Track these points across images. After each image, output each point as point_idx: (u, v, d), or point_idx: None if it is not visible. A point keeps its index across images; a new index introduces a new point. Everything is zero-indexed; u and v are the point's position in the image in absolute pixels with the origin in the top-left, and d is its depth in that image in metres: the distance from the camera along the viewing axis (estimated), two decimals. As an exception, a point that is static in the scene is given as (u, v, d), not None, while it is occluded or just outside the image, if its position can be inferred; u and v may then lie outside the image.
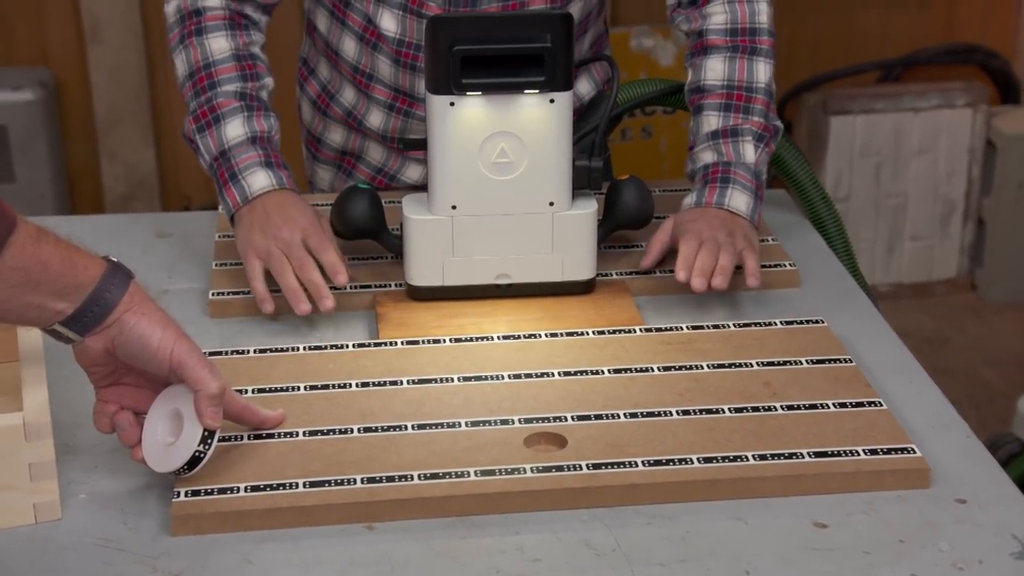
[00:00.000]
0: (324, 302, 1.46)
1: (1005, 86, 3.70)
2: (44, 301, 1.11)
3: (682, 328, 1.43)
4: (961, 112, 3.55)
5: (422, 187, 1.80)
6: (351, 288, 1.54)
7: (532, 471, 1.19)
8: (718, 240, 1.50)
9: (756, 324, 1.44)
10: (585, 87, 1.78)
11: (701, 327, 1.44)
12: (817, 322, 1.45)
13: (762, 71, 1.60)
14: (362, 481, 1.18)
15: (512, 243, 1.49)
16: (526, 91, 1.43)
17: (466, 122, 1.44)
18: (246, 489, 1.17)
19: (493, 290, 1.51)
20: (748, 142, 1.57)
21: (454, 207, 1.47)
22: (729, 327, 1.44)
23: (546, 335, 1.42)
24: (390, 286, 1.54)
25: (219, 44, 1.60)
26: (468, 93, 1.42)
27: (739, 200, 1.55)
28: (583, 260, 1.51)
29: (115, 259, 1.16)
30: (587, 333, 1.43)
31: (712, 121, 1.59)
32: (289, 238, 1.48)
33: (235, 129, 1.56)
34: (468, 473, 1.19)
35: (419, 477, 1.18)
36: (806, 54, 3.63)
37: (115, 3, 3.25)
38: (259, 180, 1.54)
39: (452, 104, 1.43)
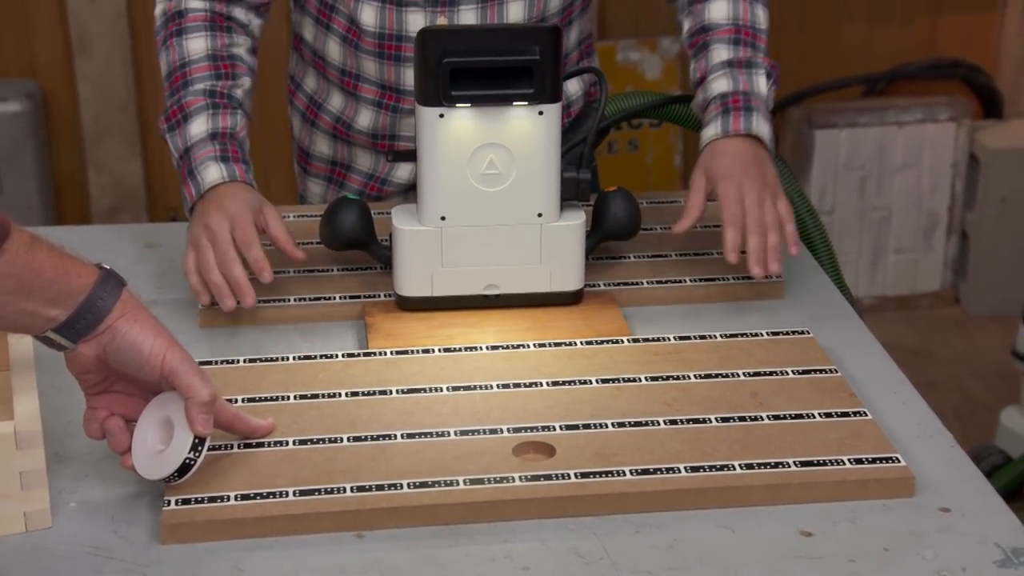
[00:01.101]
0: (245, 299, 1.46)
1: (988, 101, 3.72)
2: (37, 308, 1.11)
3: (669, 339, 1.44)
4: (944, 126, 3.57)
5: (413, 187, 1.81)
6: (340, 299, 1.54)
7: (521, 480, 1.20)
8: (758, 199, 1.49)
9: (742, 335, 1.45)
10: (574, 87, 1.79)
11: (688, 338, 1.45)
12: (803, 333, 1.46)
13: (762, 17, 1.63)
14: (352, 490, 1.18)
15: (501, 254, 1.50)
16: (515, 103, 1.44)
17: (455, 134, 1.45)
18: (236, 497, 1.17)
19: (482, 301, 1.52)
20: (761, 75, 1.60)
21: (443, 218, 1.48)
22: (716, 338, 1.45)
23: (534, 345, 1.43)
24: (379, 296, 1.55)
25: (196, 45, 1.62)
26: (457, 105, 1.43)
27: (763, 128, 1.56)
28: (571, 271, 1.52)
29: (108, 266, 1.16)
30: (575, 343, 1.44)
31: (723, 53, 1.60)
32: (217, 229, 1.48)
33: (198, 126, 1.57)
34: (457, 482, 1.19)
35: (408, 486, 1.19)
36: (791, 68, 3.65)
37: (103, 15, 3.26)
38: (211, 174, 1.54)
39: (441, 116, 1.44)
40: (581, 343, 1.44)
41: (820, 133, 3.53)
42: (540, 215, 1.49)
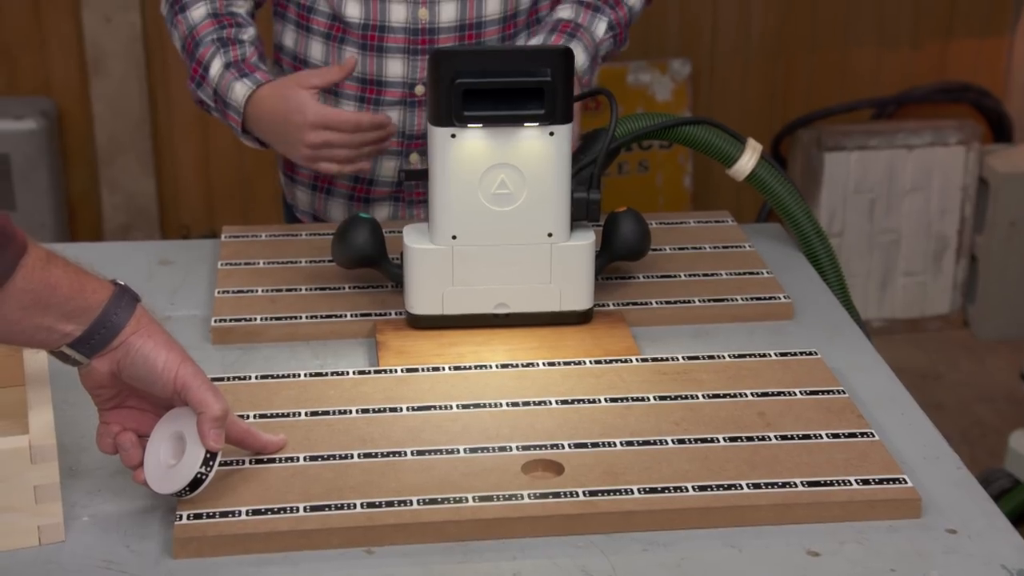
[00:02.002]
0: (387, 133, 1.66)
1: (997, 124, 3.73)
2: (53, 323, 1.13)
3: (678, 359, 1.45)
4: (954, 150, 3.58)
5: (400, 186, 1.83)
6: (351, 316, 1.56)
7: (529, 497, 1.21)
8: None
9: (750, 355, 1.46)
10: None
11: (696, 358, 1.46)
12: (811, 354, 1.47)
13: (597, 24, 1.78)
14: (362, 506, 1.19)
15: (511, 273, 1.51)
16: (526, 124, 1.45)
17: (467, 153, 1.46)
18: (247, 513, 1.18)
19: (492, 319, 1.53)
20: (603, 21, 1.77)
21: (454, 237, 1.49)
22: (724, 358, 1.46)
23: (544, 364, 1.44)
24: (390, 314, 1.56)
25: (198, 12, 1.75)
26: (469, 125, 1.44)
27: (579, 56, 1.73)
28: (581, 290, 1.53)
29: (122, 282, 1.18)
30: (584, 362, 1.45)
31: (569, 7, 1.79)
32: (316, 139, 1.63)
33: (216, 68, 1.71)
34: (466, 499, 1.20)
35: (418, 502, 1.20)
36: (801, 91, 3.67)
37: (118, 35, 3.28)
38: (237, 92, 1.69)
39: (453, 136, 1.45)
40: (590, 362, 1.45)
41: (830, 155, 3.54)
42: (550, 235, 1.50)
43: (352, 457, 1.26)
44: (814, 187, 3.57)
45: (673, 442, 1.29)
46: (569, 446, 1.28)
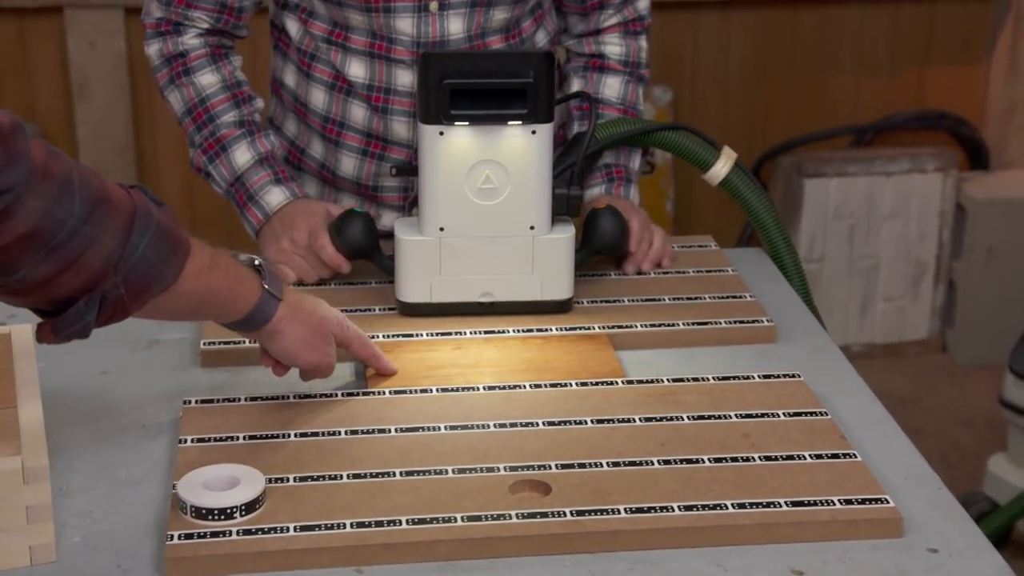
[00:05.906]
0: (342, 268, 1.68)
1: (974, 151, 3.78)
2: (211, 316, 1.34)
3: (663, 381, 1.47)
4: (931, 176, 3.62)
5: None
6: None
7: (517, 517, 1.22)
8: (647, 227, 1.77)
9: (734, 377, 1.48)
10: (541, 38, 1.84)
11: (681, 380, 1.47)
12: (793, 376, 1.49)
13: (642, 95, 1.89)
14: (351, 526, 1.20)
15: (495, 264, 1.59)
16: (510, 123, 1.53)
17: (454, 150, 1.54)
18: (238, 532, 1.19)
19: (477, 307, 1.60)
20: (637, 152, 1.86)
21: (442, 229, 1.57)
22: (708, 380, 1.47)
23: (530, 386, 1.46)
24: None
25: (207, 79, 1.74)
26: (456, 123, 1.52)
27: (635, 195, 1.86)
28: (561, 281, 1.61)
29: (267, 285, 1.33)
30: (570, 384, 1.46)
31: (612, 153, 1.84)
32: (294, 241, 1.69)
33: (243, 155, 1.72)
34: (455, 518, 1.21)
35: (407, 522, 1.21)
36: (781, 118, 3.71)
37: (103, 61, 3.30)
38: (275, 197, 1.71)
39: (441, 133, 1.53)
40: (576, 384, 1.46)
41: (810, 182, 3.57)
42: (532, 228, 1.58)
43: (341, 478, 1.27)
44: (794, 213, 3.60)
45: (659, 463, 1.31)
46: (556, 467, 1.30)
